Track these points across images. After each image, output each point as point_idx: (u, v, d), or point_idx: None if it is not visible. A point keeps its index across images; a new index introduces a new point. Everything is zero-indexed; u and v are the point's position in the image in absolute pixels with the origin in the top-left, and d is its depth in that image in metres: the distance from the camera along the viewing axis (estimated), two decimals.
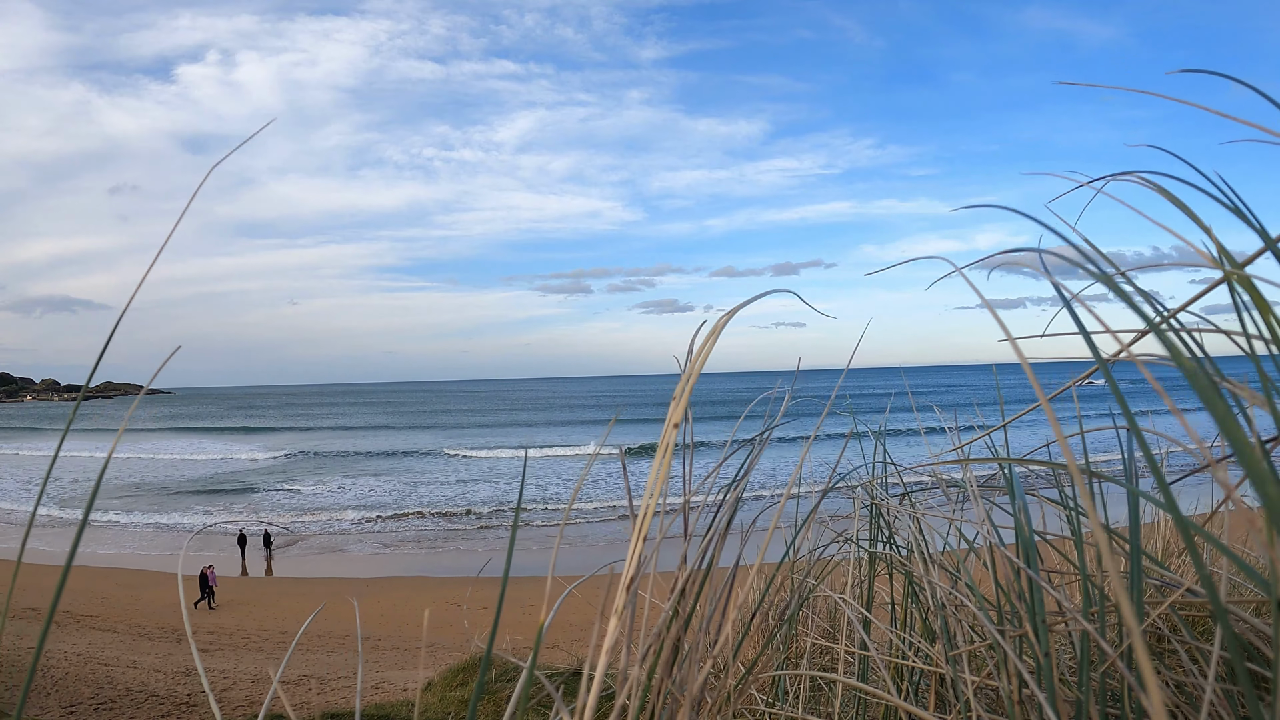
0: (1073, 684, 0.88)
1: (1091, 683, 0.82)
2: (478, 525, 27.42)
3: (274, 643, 14.31)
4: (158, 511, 30.23)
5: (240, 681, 10.97)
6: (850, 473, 1.49)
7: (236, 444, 60.66)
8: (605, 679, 0.59)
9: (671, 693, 0.74)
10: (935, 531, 1.27)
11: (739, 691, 1.05)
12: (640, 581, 0.67)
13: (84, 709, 9.46)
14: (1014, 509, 0.98)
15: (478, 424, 78.18)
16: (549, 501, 30.79)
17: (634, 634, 0.71)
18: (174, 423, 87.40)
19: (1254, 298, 0.57)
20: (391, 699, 9.34)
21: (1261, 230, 0.61)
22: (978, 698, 0.98)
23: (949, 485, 1.35)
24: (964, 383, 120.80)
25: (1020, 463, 0.97)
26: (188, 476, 40.65)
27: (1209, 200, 0.69)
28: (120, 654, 12.32)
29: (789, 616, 1.33)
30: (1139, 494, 0.75)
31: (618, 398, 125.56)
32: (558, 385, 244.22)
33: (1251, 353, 0.65)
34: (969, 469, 1.17)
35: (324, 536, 26.06)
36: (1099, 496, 1.13)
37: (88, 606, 15.94)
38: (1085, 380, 0.95)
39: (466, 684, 7.78)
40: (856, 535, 1.40)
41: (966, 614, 1.10)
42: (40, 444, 60.74)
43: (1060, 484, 1.14)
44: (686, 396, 0.58)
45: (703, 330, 0.67)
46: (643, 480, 0.65)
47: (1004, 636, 0.90)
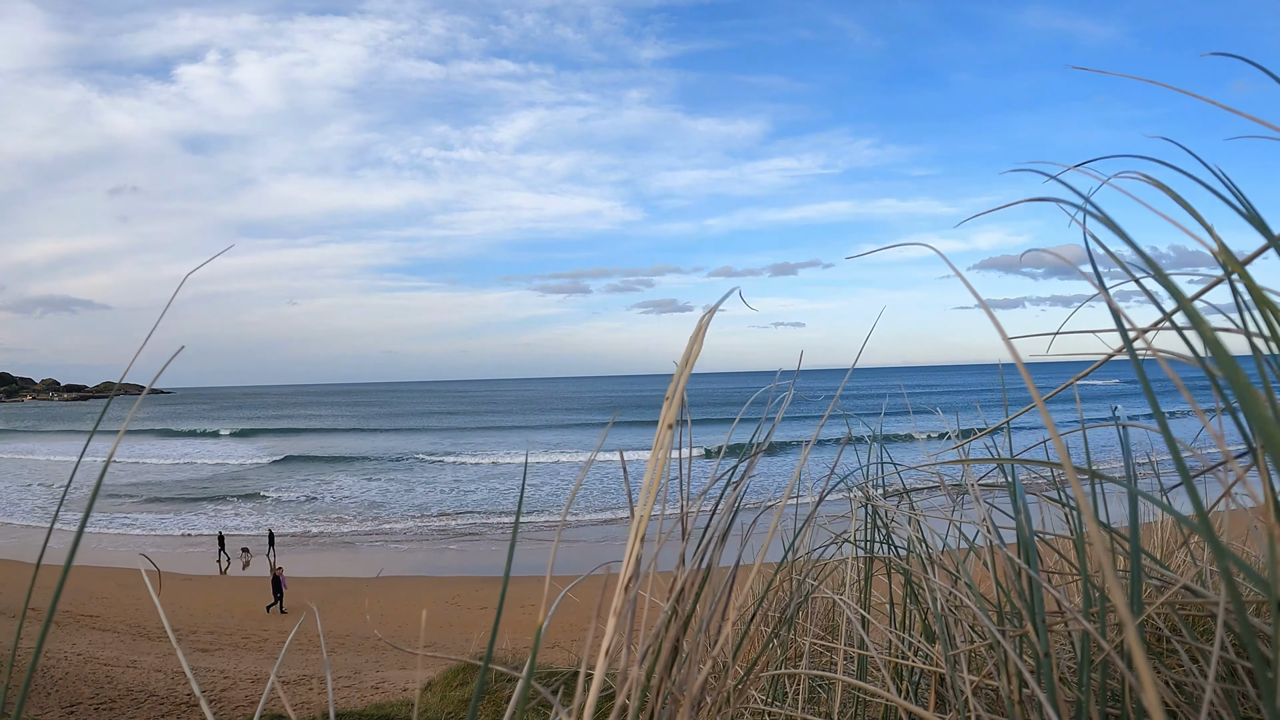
0: (1073, 684, 0.88)
1: (1091, 683, 0.82)
2: (478, 525, 27.41)
3: (274, 643, 14.30)
4: (158, 512, 30.23)
5: (240, 681, 10.97)
6: (850, 474, 1.49)
7: (236, 444, 60.66)
8: (605, 679, 0.59)
9: (671, 693, 0.74)
10: (935, 532, 1.27)
11: (739, 692, 1.05)
12: (640, 582, 0.67)
13: (84, 709, 9.46)
14: (1014, 509, 0.98)
15: (478, 424, 78.16)
16: (549, 501, 30.80)
17: (633, 634, 0.71)
18: (174, 423, 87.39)
19: (1255, 295, 0.57)
20: (391, 699, 9.34)
21: (1263, 227, 0.61)
22: (977, 697, 0.98)
23: (949, 486, 1.35)
24: (964, 383, 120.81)
25: (1019, 462, 0.97)
26: (188, 477, 40.65)
27: (1210, 199, 0.68)
28: (120, 654, 12.32)
29: (788, 617, 1.33)
30: (1138, 494, 0.75)
31: (618, 397, 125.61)
32: (558, 385, 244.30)
33: (1254, 351, 0.65)
34: (969, 469, 1.17)
35: (324, 536, 26.06)
36: (1099, 496, 1.13)
37: (88, 606, 15.93)
38: (1084, 380, 0.95)
39: (466, 684, 7.78)
40: (855, 536, 1.40)
41: (966, 613, 1.10)
42: (41, 445, 60.72)
43: (1060, 484, 1.14)
44: (679, 396, 0.58)
45: (696, 336, 0.67)
46: (641, 481, 0.65)
47: (1004, 636, 0.90)
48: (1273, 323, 0.58)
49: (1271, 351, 0.61)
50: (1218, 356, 0.44)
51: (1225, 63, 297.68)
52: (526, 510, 28.77)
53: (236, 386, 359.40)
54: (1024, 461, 0.95)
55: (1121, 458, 0.96)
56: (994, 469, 1.24)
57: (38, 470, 43.77)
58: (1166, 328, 0.68)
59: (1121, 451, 0.97)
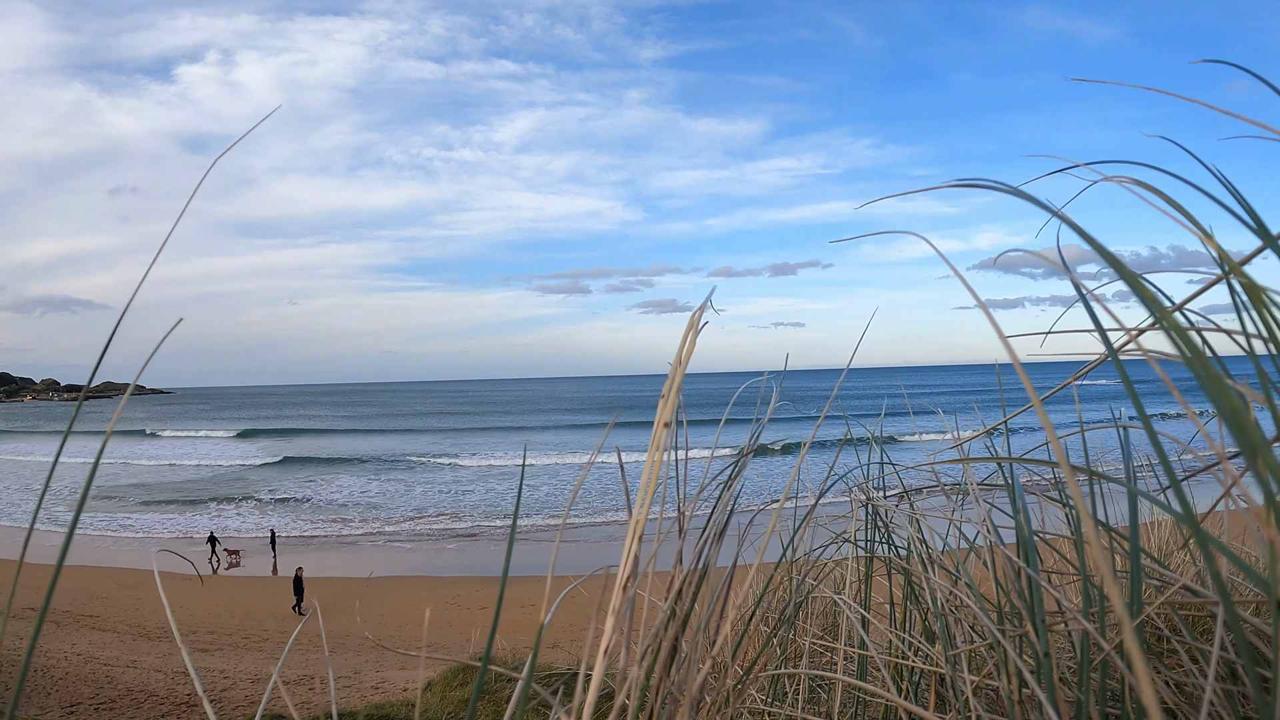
0: (1073, 684, 0.88)
1: (1091, 683, 0.82)
2: (478, 525, 27.41)
3: (274, 643, 14.30)
4: (160, 512, 30.23)
5: (240, 681, 10.97)
6: (848, 473, 1.49)
7: (236, 444, 60.65)
8: (605, 679, 0.59)
9: (670, 693, 0.74)
10: (934, 532, 1.27)
11: (738, 692, 1.05)
12: (639, 581, 0.67)
13: (84, 709, 9.46)
14: (1013, 509, 0.98)
15: (477, 425, 78.15)
16: (549, 501, 30.80)
17: (632, 634, 0.71)
18: (173, 423, 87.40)
19: (1252, 296, 0.57)
20: (391, 699, 9.34)
21: (1261, 228, 0.61)
22: (977, 697, 0.98)
23: (948, 485, 1.35)
24: (964, 383, 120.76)
25: (1019, 462, 0.97)
26: (187, 478, 40.64)
27: (1206, 200, 0.68)
28: (120, 654, 12.32)
29: (788, 617, 1.33)
30: (1138, 493, 0.75)
31: (618, 397, 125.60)
32: (558, 385, 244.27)
33: (1251, 352, 0.65)
34: (968, 468, 1.17)
35: (324, 536, 26.06)
36: (1098, 497, 1.13)
37: (88, 606, 15.94)
38: (1082, 379, 0.95)
39: (466, 684, 7.78)
40: (854, 535, 1.39)
41: (966, 613, 1.10)
42: (39, 446, 60.72)
43: (1060, 484, 1.14)
44: (674, 394, 0.58)
45: (699, 328, 0.67)
46: (639, 480, 0.65)
47: (1004, 636, 0.90)
48: (1270, 323, 0.58)
49: (1270, 351, 0.61)
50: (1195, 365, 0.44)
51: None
52: (527, 511, 28.78)
53: (237, 386, 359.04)
54: (1023, 461, 0.95)
55: (1121, 458, 0.96)
56: (994, 470, 1.24)
57: (39, 471, 43.77)
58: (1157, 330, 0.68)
59: (1121, 452, 0.97)
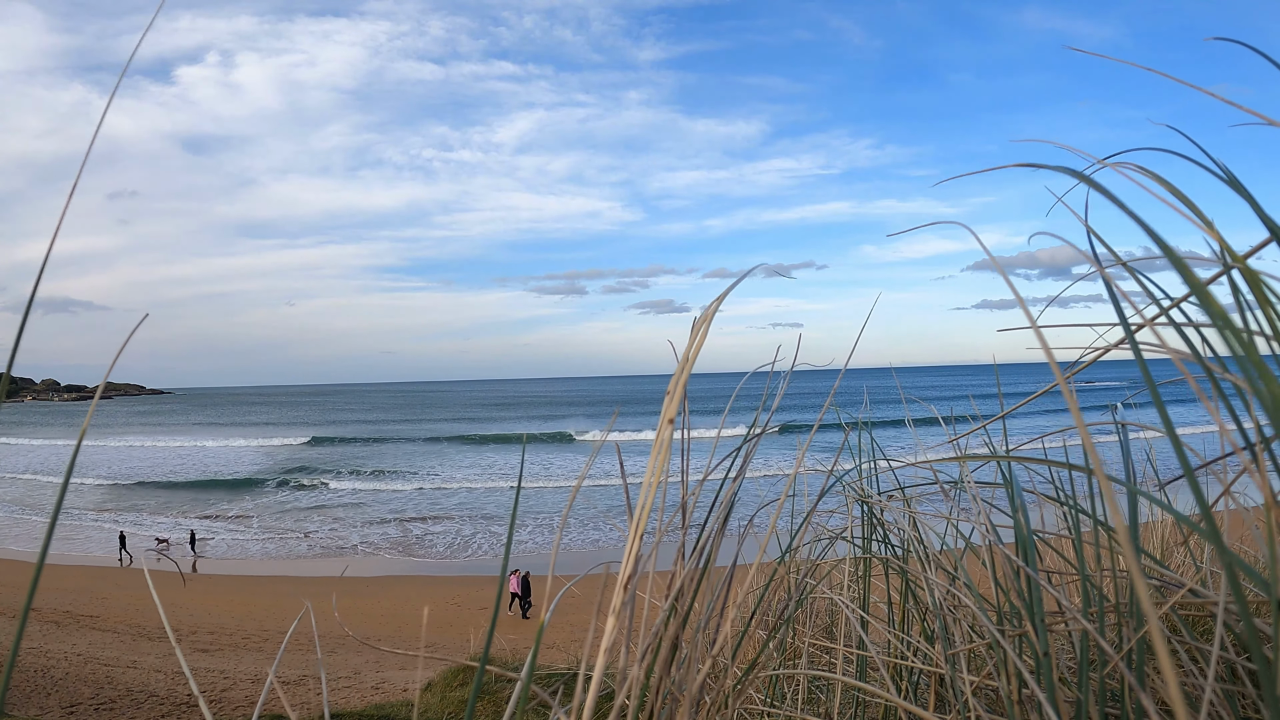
0: (1072, 684, 0.87)
1: (1091, 683, 0.82)
2: (478, 526, 27.41)
3: (274, 643, 14.29)
4: (162, 512, 30.24)
5: (240, 681, 10.97)
6: (847, 473, 1.49)
7: (236, 445, 60.62)
8: (604, 679, 0.59)
9: (670, 692, 0.73)
10: (932, 530, 1.27)
11: (738, 692, 1.05)
12: (639, 580, 0.67)
13: (84, 709, 9.45)
14: (1012, 508, 0.98)
15: (477, 426, 78.12)
16: (548, 502, 30.81)
17: (633, 633, 0.71)
18: (173, 423, 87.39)
19: (1255, 292, 0.56)
20: (391, 699, 9.34)
21: (1267, 220, 0.61)
22: (977, 697, 0.97)
23: (946, 484, 1.35)
24: (962, 382, 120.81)
25: (1017, 460, 0.97)
26: (188, 478, 40.63)
27: (1207, 198, 0.68)
28: (120, 654, 12.31)
29: (787, 616, 1.33)
30: (1138, 493, 0.75)
31: (618, 396, 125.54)
32: (558, 385, 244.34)
33: (1247, 346, 0.65)
34: (966, 467, 1.17)
35: (324, 536, 26.06)
36: (1096, 497, 1.13)
37: (88, 606, 15.93)
38: (1086, 382, 0.95)
39: (466, 684, 7.77)
40: (852, 534, 1.39)
41: (965, 613, 1.09)
42: (40, 446, 60.71)
43: (1058, 482, 1.13)
44: (680, 391, 0.58)
45: (701, 325, 0.66)
46: (640, 480, 0.64)
47: (1003, 636, 0.89)
48: (1274, 319, 0.58)
49: (1273, 349, 0.61)
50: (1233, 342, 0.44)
51: (1222, 62, 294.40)
52: (527, 512, 28.78)
53: (236, 387, 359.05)
54: (1022, 459, 0.95)
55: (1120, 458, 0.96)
56: (993, 469, 1.23)
57: (39, 470, 43.74)
58: (1164, 323, 0.67)
59: (1120, 451, 0.97)
